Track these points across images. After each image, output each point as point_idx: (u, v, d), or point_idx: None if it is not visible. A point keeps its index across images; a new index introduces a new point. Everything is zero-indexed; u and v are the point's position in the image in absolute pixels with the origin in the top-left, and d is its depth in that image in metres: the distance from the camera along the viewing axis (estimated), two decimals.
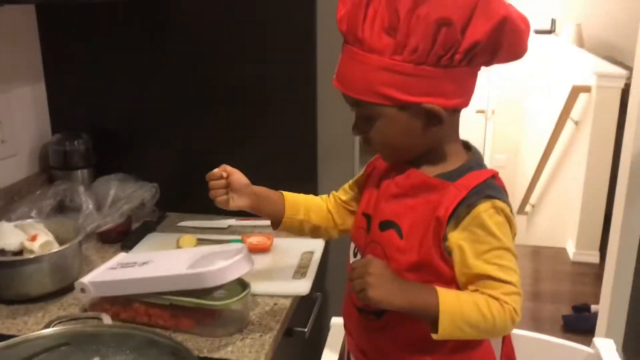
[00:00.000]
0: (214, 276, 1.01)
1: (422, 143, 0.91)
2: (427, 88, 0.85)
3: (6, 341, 0.88)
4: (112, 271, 1.13)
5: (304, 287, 1.24)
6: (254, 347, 1.03)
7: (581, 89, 3.94)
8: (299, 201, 1.09)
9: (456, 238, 0.87)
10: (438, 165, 0.92)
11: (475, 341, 0.94)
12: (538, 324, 3.09)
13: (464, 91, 0.89)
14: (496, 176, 0.91)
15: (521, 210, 5.25)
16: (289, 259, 1.36)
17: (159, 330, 1.01)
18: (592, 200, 3.82)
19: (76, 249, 1.23)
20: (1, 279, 1.14)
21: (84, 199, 1.44)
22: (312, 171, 1.57)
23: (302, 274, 1.30)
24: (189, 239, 1.40)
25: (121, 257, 1.21)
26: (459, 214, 0.86)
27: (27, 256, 1.16)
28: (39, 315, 1.13)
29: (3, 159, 1.49)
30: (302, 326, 1.25)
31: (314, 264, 1.34)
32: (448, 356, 0.92)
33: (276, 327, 1.10)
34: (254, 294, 1.17)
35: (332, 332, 1.14)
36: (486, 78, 6.08)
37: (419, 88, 0.85)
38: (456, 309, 0.83)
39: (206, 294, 1.05)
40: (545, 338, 1.18)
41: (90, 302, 1.12)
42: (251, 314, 1.13)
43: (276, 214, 1.08)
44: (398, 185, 0.94)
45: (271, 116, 1.54)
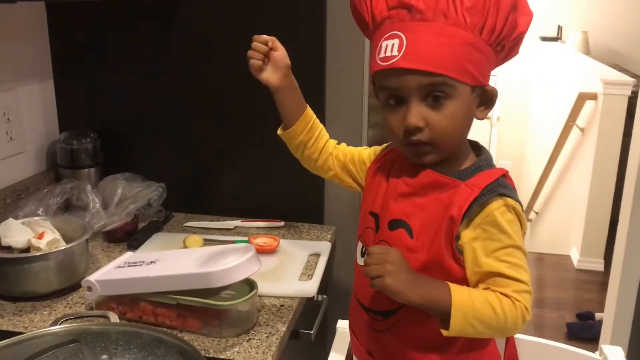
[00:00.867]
0: (222, 276, 1.01)
1: (466, 134, 0.93)
2: (488, 71, 0.89)
3: (15, 337, 0.88)
4: (119, 270, 1.13)
5: (310, 289, 1.24)
6: (260, 348, 1.03)
7: (587, 96, 3.94)
8: (315, 125, 1.11)
9: (468, 236, 0.86)
10: (451, 164, 0.92)
11: (483, 342, 0.93)
12: (542, 331, 3.08)
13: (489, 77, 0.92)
14: (507, 175, 0.91)
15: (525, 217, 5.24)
16: (295, 261, 1.36)
17: (166, 330, 1.00)
18: (597, 207, 3.81)
19: (83, 247, 1.23)
20: (8, 276, 1.14)
21: (90, 197, 1.44)
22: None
23: (308, 276, 1.30)
24: (195, 239, 1.40)
25: (128, 256, 1.21)
26: (471, 213, 0.86)
27: (34, 254, 1.16)
28: (45, 313, 1.13)
29: (11, 157, 1.49)
30: (308, 328, 1.25)
31: (320, 266, 1.34)
32: (456, 356, 0.92)
33: (282, 328, 1.09)
34: (260, 295, 1.17)
35: (338, 335, 1.14)
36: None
37: (487, 70, 0.89)
38: (468, 305, 0.82)
39: (213, 294, 1.04)
40: (552, 344, 1.17)
41: (96, 301, 1.12)
42: (258, 314, 1.12)
43: (291, 116, 1.10)
44: (407, 184, 0.93)
45: (278, 118, 1.53)
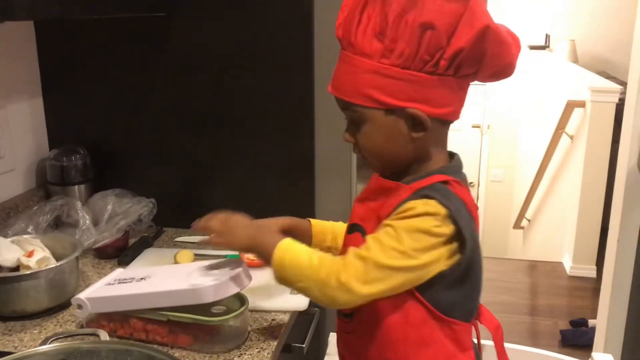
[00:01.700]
0: (213, 291, 1.01)
1: (406, 151, 0.93)
2: (412, 93, 0.88)
3: (4, 358, 0.87)
4: (110, 287, 1.12)
5: (302, 302, 1.23)
6: None
7: (576, 104, 3.97)
8: (326, 228, 1.11)
9: None
10: (409, 172, 0.94)
11: (433, 340, 0.94)
12: (535, 339, 3.08)
13: (450, 101, 0.91)
14: (450, 182, 0.91)
15: (517, 225, 5.26)
16: None
17: (157, 347, 1.00)
18: (588, 214, 3.83)
19: (73, 264, 1.22)
20: None
21: (81, 214, 1.43)
22: (310, 186, 1.57)
23: None
24: (186, 254, 1.40)
25: (118, 272, 1.21)
26: (396, 210, 0.89)
27: (23, 272, 1.15)
28: (35, 332, 1.13)
29: (0, 174, 1.49)
30: (300, 342, 1.25)
31: None
32: (413, 352, 0.93)
33: (274, 342, 1.09)
34: (251, 310, 1.17)
35: (330, 348, 1.14)
36: (482, 93, 6.13)
37: (404, 92, 0.88)
38: (289, 249, 0.92)
39: (204, 309, 1.04)
40: (544, 353, 1.18)
41: (87, 319, 1.12)
42: (249, 329, 1.12)
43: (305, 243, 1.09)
44: (365, 191, 0.98)
45: (269, 133, 1.54)
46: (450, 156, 0.98)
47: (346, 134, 0.96)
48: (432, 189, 0.89)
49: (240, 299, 1.09)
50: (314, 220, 1.11)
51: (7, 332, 1.13)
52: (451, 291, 0.92)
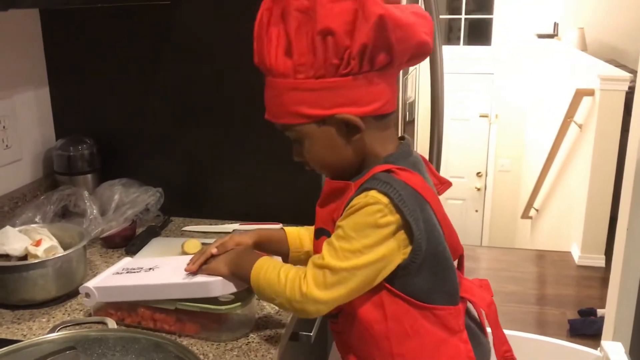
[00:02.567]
0: (221, 286, 1.01)
1: (351, 154, 0.94)
2: (335, 99, 0.89)
3: (12, 345, 0.88)
4: (118, 276, 1.13)
5: None
6: (259, 351, 1.03)
7: (585, 93, 3.95)
8: (302, 233, 1.12)
9: None
10: (359, 171, 0.95)
11: (419, 328, 0.94)
12: (544, 328, 3.08)
13: (377, 96, 0.91)
14: (394, 170, 0.91)
15: (525, 215, 5.25)
16: None
17: (164, 335, 1.00)
18: (597, 203, 3.81)
19: (81, 253, 1.22)
20: (6, 284, 1.14)
21: (88, 203, 1.43)
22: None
23: None
24: (193, 243, 1.40)
25: (126, 261, 1.21)
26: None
27: (31, 261, 1.16)
28: (44, 320, 1.13)
29: (8, 164, 1.49)
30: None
31: None
32: (398, 345, 0.94)
33: (281, 331, 1.09)
34: (259, 298, 1.16)
35: None
36: (490, 82, 6.10)
37: (328, 101, 0.89)
38: (264, 268, 0.95)
39: (212, 298, 1.04)
40: (553, 341, 1.17)
41: (95, 307, 1.12)
42: (257, 318, 1.12)
43: (283, 253, 1.11)
44: (321, 194, 0.99)
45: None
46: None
47: (294, 155, 0.99)
48: (372, 180, 0.89)
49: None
50: (287, 228, 1.13)
51: (16, 320, 1.13)
52: (421, 278, 0.92)
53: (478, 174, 6.19)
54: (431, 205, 0.91)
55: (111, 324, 1.03)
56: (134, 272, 1.13)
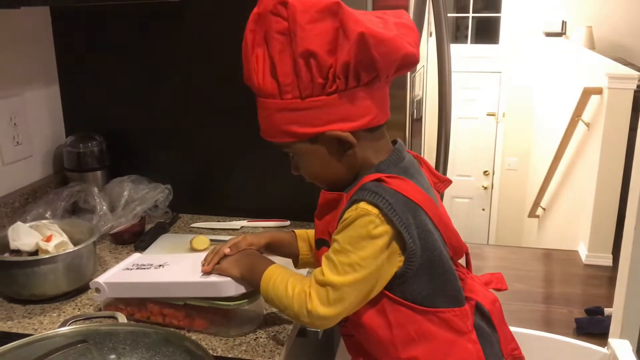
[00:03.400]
0: (231, 286, 1.01)
1: (346, 167, 0.95)
2: (325, 117, 0.89)
3: (24, 339, 0.89)
4: (128, 272, 1.13)
5: None
6: (267, 347, 1.04)
7: (592, 91, 3.93)
8: (311, 237, 1.11)
9: None
10: (352, 182, 0.96)
11: (424, 332, 0.94)
12: (550, 327, 3.07)
13: (366, 110, 0.91)
14: (383, 179, 0.90)
15: (532, 214, 5.23)
16: None
17: (174, 329, 1.01)
18: (604, 202, 3.80)
19: (90, 249, 1.23)
20: (17, 279, 1.15)
21: (97, 200, 1.45)
22: None
23: None
24: (201, 240, 1.41)
25: (136, 257, 1.21)
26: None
27: (42, 256, 1.17)
28: (54, 315, 1.14)
29: (18, 161, 1.51)
30: None
31: None
32: (404, 351, 0.94)
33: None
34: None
35: None
36: (497, 81, 6.08)
37: (317, 119, 0.89)
38: (273, 278, 0.95)
39: None
40: (560, 339, 1.18)
41: (104, 302, 1.13)
42: (265, 313, 1.13)
43: (293, 255, 1.12)
44: (318, 205, 1.00)
45: None
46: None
47: (292, 169, 1.01)
48: (361, 190, 0.90)
49: None
50: (298, 231, 1.13)
51: (27, 315, 1.14)
52: (419, 283, 0.92)
53: (485, 172, 6.18)
54: (425, 210, 0.91)
55: (121, 318, 1.04)
56: (144, 268, 1.13)
